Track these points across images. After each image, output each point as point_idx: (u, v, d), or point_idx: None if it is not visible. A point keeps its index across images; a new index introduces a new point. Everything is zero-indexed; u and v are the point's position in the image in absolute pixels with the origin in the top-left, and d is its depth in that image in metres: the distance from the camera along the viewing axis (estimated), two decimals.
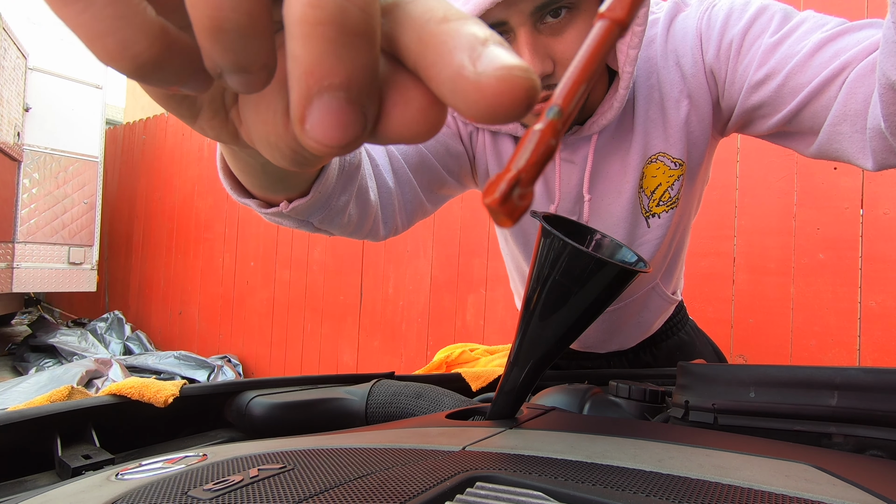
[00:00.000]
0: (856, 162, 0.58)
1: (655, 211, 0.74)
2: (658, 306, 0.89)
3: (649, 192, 0.73)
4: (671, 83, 0.68)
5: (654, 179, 0.72)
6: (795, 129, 0.63)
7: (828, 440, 0.41)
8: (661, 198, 0.73)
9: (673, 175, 0.72)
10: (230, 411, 0.57)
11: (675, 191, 0.73)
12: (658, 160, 0.71)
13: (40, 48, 4.05)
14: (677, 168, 0.71)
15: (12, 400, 2.33)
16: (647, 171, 0.72)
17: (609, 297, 0.39)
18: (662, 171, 0.72)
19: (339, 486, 0.27)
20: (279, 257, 3.38)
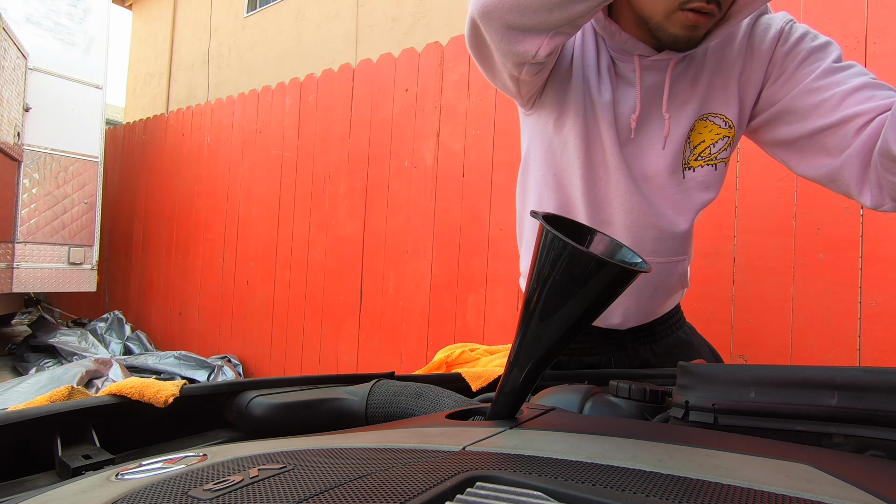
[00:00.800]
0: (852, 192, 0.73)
1: (693, 164, 0.82)
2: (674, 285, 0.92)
3: (692, 145, 0.81)
4: (741, 60, 0.79)
5: (700, 136, 0.81)
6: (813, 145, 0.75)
7: (828, 440, 0.41)
8: (702, 153, 0.81)
9: (720, 133, 0.80)
10: (230, 411, 0.57)
11: (717, 148, 0.80)
12: (709, 119, 0.80)
13: (40, 48, 4.05)
14: (726, 128, 0.80)
15: (12, 400, 2.33)
16: (696, 126, 0.80)
17: (609, 297, 0.39)
18: (710, 129, 0.80)
19: (339, 486, 0.27)
20: (279, 257, 3.38)
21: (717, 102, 0.79)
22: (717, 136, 0.80)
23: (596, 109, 0.80)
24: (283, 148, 3.40)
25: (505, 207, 2.29)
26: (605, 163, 0.82)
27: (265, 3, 6.08)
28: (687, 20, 0.69)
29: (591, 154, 0.82)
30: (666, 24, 0.71)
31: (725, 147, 0.80)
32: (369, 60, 2.93)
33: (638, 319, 0.95)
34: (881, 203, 0.71)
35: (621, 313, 0.94)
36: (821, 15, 1.56)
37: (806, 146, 0.76)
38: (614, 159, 0.81)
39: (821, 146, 0.74)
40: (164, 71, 7.52)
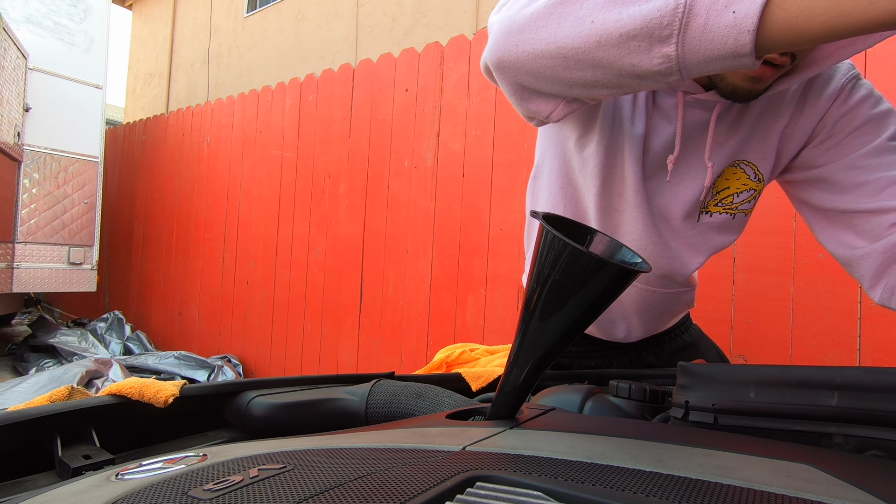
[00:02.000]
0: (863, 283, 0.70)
1: (711, 210, 0.77)
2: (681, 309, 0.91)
3: (716, 190, 0.76)
4: (790, 111, 0.72)
5: (726, 181, 0.75)
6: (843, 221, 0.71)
7: (828, 440, 0.41)
8: (723, 200, 0.76)
9: (748, 185, 0.75)
10: (230, 411, 0.57)
11: (740, 199, 0.76)
12: (739, 167, 0.74)
13: (40, 48, 4.05)
14: (755, 180, 0.75)
15: (12, 400, 2.33)
16: (724, 172, 0.75)
17: (609, 297, 0.39)
18: (738, 177, 0.75)
19: (339, 486, 0.27)
20: (279, 257, 3.38)
21: (752, 151, 0.73)
22: (744, 187, 0.75)
23: (624, 140, 0.74)
24: (283, 148, 3.40)
25: (505, 207, 2.29)
26: (623, 195, 0.77)
27: (265, 3, 6.08)
28: (753, 73, 0.61)
29: (610, 184, 0.77)
30: (727, 73, 0.63)
31: (749, 199, 0.76)
32: (369, 60, 2.93)
33: (642, 335, 0.94)
34: (888, 303, 0.68)
35: (625, 329, 0.92)
36: None
37: (835, 220, 0.71)
38: (635, 196, 0.75)
39: (850, 226, 0.70)
40: (164, 71, 7.52)
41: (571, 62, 0.53)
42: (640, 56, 0.49)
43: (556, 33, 0.52)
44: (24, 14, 4.01)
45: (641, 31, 0.47)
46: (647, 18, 0.47)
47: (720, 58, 0.46)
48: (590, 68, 0.52)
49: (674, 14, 0.45)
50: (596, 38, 0.50)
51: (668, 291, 0.84)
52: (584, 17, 0.50)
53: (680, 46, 0.47)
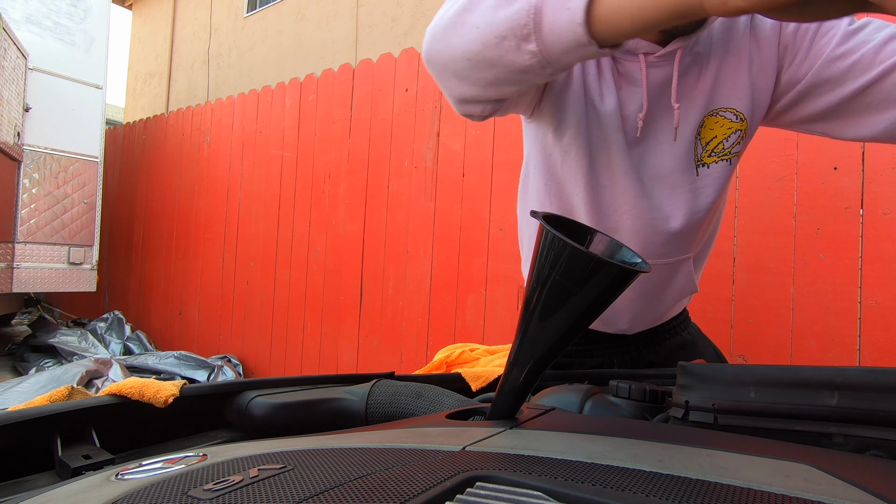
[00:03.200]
0: None
1: (707, 161, 0.78)
2: (680, 287, 0.90)
3: (704, 141, 0.78)
4: (748, 48, 0.74)
5: (711, 131, 0.77)
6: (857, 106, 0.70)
7: (828, 440, 0.41)
8: (715, 149, 0.77)
9: (732, 127, 0.76)
10: (230, 411, 0.57)
11: (730, 143, 0.77)
12: (719, 114, 0.76)
13: (40, 48, 4.05)
14: (738, 122, 0.76)
15: (12, 400, 2.33)
16: (706, 122, 0.77)
17: (609, 297, 0.39)
18: (721, 123, 0.77)
19: (339, 486, 0.27)
20: (279, 257, 3.38)
21: (726, 96, 0.76)
22: (730, 131, 0.77)
23: (600, 117, 0.77)
24: (283, 148, 3.40)
25: (505, 207, 2.29)
26: (610, 169, 0.79)
27: (265, 3, 6.08)
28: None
29: (595, 162, 0.79)
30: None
31: (738, 141, 0.77)
32: (369, 60, 2.93)
33: (646, 324, 0.93)
34: None
35: (629, 318, 0.92)
36: None
37: (849, 110, 0.70)
38: (623, 164, 0.78)
39: (867, 105, 0.69)
40: (164, 71, 7.52)
41: (473, 63, 0.59)
42: (515, 54, 0.55)
43: (459, 39, 0.59)
44: (24, 14, 4.01)
45: (509, 32, 0.54)
46: (511, 21, 0.54)
47: (573, 48, 0.52)
48: (487, 68, 0.59)
49: (528, 15, 0.52)
50: (482, 41, 0.57)
51: (667, 262, 0.84)
52: (474, 23, 0.57)
53: (539, 43, 0.53)
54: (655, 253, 0.83)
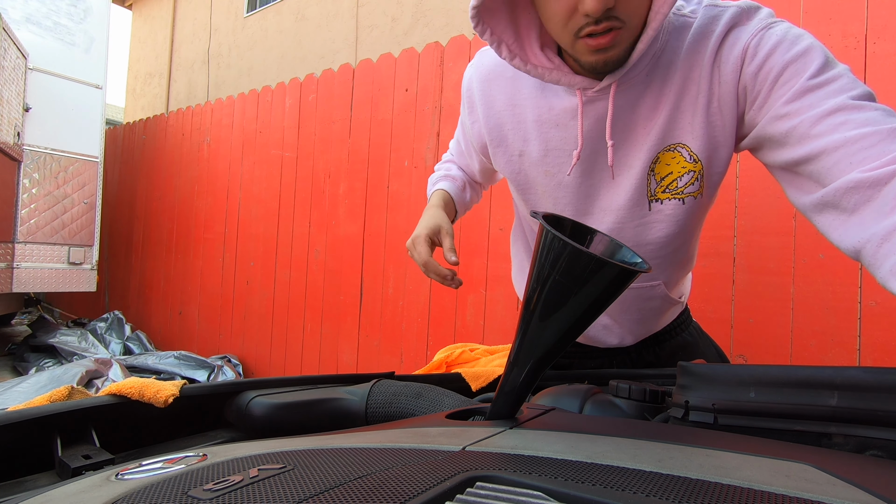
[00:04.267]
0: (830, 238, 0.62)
1: (660, 197, 0.76)
2: (659, 306, 0.90)
3: (659, 177, 0.75)
4: (710, 85, 0.69)
5: (667, 167, 0.74)
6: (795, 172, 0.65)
7: (828, 440, 0.41)
8: (669, 185, 0.74)
9: (686, 167, 0.73)
10: (230, 411, 0.57)
11: (684, 183, 0.74)
12: (676, 150, 0.73)
13: (40, 48, 4.05)
14: (692, 163, 0.73)
15: (12, 400, 2.33)
16: (661, 157, 0.74)
17: (609, 297, 0.39)
18: (677, 160, 0.73)
19: (339, 486, 0.27)
20: (279, 257, 3.38)
21: (682, 133, 0.72)
22: (684, 170, 0.73)
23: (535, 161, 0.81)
24: (283, 148, 3.40)
25: (505, 207, 2.29)
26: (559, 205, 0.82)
27: (265, 3, 6.08)
28: (589, 47, 0.63)
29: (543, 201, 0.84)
30: (577, 55, 0.66)
31: (692, 181, 0.73)
32: (369, 60, 2.93)
33: (635, 339, 0.94)
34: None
35: (617, 335, 0.93)
36: (821, 15, 1.56)
37: (783, 176, 0.68)
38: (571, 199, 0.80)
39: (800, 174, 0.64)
40: (164, 71, 7.52)
41: None
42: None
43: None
44: (24, 14, 4.01)
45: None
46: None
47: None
48: None
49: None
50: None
51: (637, 287, 0.85)
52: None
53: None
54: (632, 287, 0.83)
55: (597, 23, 0.61)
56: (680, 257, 0.85)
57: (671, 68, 0.70)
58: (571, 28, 0.63)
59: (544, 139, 0.78)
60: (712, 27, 0.69)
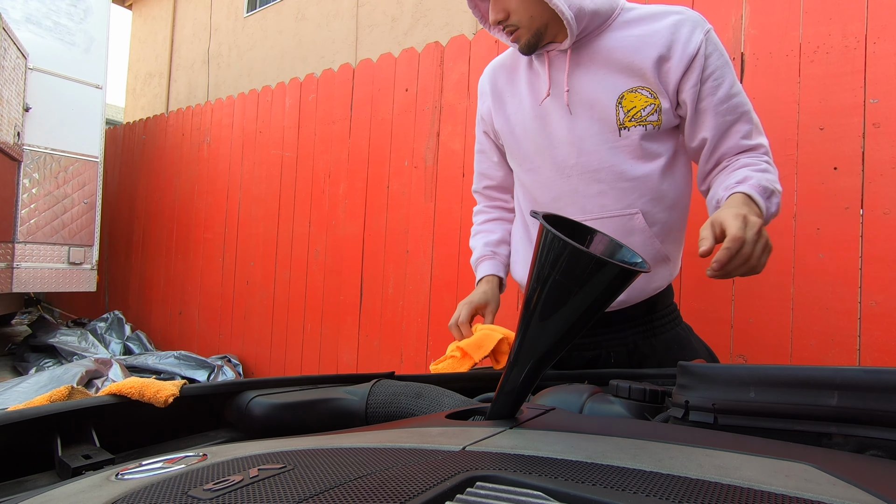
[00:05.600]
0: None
1: (628, 125, 0.96)
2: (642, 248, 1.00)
3: (626, 109, 0.96)
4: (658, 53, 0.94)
5: (631, 103, 0.96)
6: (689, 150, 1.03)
7: (828, 440, 0.41)
8: (634, 115, 0.96)
9: (647, 101, 0.95)
10: (230, 411, 0.57)
11: (646, 112, 0.96)
12: (637, 91, 0.96)
13: (40, 48, 4.05)
14: (651, 98, 0.95)
15: (12, 400, 2.33)
16: (626, 95, 0.96)
17: (609, 297, 0.39)
18: (639, 98, 0.95)
19: (339, 486, 0.27)
20: (279, 257, 3.38)
21: (639, 78, 0.95)
22: (646, 104, 0.95)
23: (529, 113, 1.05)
24: (283, 148, 3.40)
25: None
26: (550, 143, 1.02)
27: (265, 3, 6.08)
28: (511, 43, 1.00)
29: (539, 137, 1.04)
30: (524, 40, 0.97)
31: (653, 112, 0.96)
32: (369, 60, 2.93)
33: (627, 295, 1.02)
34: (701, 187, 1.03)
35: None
36: (821, 15, 1.56)
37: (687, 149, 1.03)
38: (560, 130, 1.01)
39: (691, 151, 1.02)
40: (164, 71, 7.52)
41: None
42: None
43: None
44: (24, 14, 4.01)
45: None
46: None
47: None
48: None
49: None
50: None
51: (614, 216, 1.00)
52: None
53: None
54: (596, 206, 0.99)
55: (504, 29, 0.97)
56: (655, 191, 0.99)
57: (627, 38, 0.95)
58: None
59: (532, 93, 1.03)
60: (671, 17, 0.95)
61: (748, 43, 1.68)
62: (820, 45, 1.57)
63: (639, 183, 0.97)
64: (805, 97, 1.59)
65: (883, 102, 1.47)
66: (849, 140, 1.52)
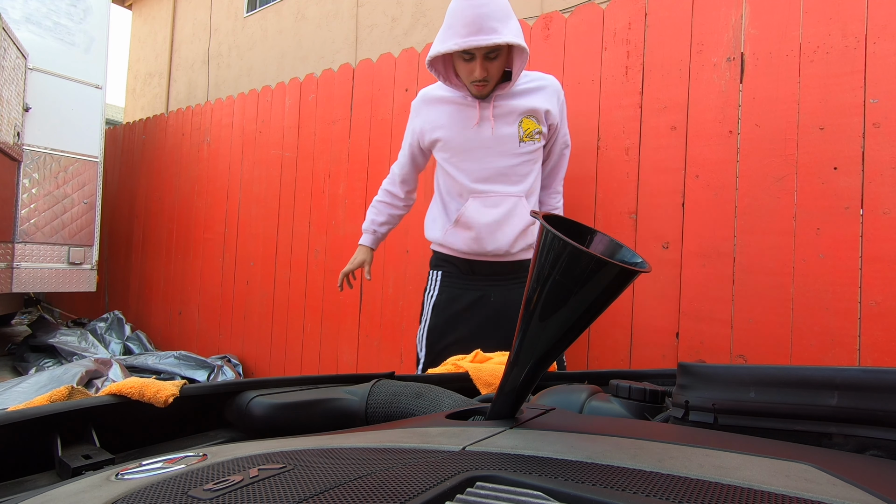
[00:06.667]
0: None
1: (525, 140, 1.53)
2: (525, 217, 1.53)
3: (523, 129, 1.53)
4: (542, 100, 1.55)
5: (526, 125, 1.53)
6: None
7: (828, 440, 0.41)
8: (529, 133, 1.53)
9: (536, 126, 1.54)
10: (230, 411, 0.57)
11: (535, 132, 1.54)
12: (530, 118, 1.53)
13: (40, 48, 4.05)
14: (538, 124, 1.54)
15: (12, 400, 2.33)
16: (524, 121, 1.53)
17: (610, 297, 0.39)
18: (531, 122, 1.53)
19: (339, 486, 0.27)
20: (279, 257, 3.38)
21: (532, 111, 1.53)
22: (535, 127, 1.54)
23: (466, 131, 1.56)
24: (283, 148, 3.40)
25: None
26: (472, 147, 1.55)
27: (265, 3, 6.08)
28: (475, 88, 1.48)
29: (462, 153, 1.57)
30: (470, 89, 1.51)
31: (539, 132, 1.54)
32: (369, 60, 2.93)
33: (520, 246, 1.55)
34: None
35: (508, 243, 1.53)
36: (821, 15, 1.56)
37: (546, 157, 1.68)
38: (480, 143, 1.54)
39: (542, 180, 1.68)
40: (163, 71, 7.52)
41: None
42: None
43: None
44: (23, 14, 4.01)
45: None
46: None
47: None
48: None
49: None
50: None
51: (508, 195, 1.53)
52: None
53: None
54: (500, 191, 1.53)
55: (477, 81, 1.46)
56: (532, 181, 1.58)
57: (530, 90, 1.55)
58: (468, 79, 1.47)
59: (467, 117, 1.55)
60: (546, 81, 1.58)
61: (748, 43, 1.68)
62: (820, 45, 1.57)
63: (525, 178, 1.56)
64: (805, 97, 1.59)
65: (883, 102, 1.47)
66: (849, 140, 1.52)
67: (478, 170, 1.53)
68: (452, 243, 1.57)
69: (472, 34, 1.36)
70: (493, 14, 1.37)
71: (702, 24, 1.78)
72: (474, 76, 1.42)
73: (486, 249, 1.53)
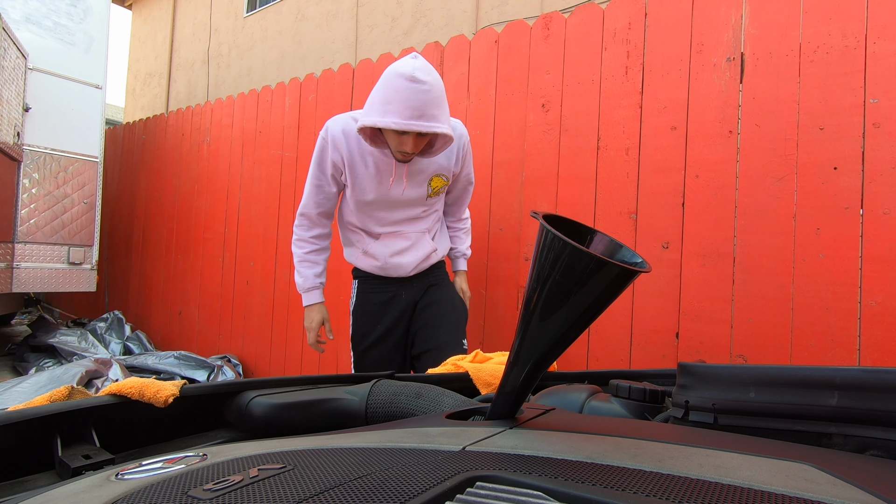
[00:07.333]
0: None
1: (432, 196, 1.70)
2: (427, 246, 1.75)
3: (431, 186, 1.69)
4: (450, 159, 1.69)
5: (435, 182, 1.69)
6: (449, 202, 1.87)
7: (828, 440, 0.41)
8: (437, 190, 1.71)
9: (443, 183, 1.71)
10: (230, 411, 0.57)
11: (443, 189, 1.73)
12: (439, 176, 1.69)
13: (40, 48, 4.05)
14: (446, 181, 1.72)
15: (12, 400, 2.33)
16: (434, 179, 1.68)
17: (610, 297, 0.39)
18: (440, 180, 1.70)
19: (339, 486, 0.27)
20: (279, 257, 3.38)
21: (442, 170, 1.68)
22: (443, 183, 1.71)
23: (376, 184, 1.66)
24: (283, 148, 3.40)
25: (505, 207, 2.29)
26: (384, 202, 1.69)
27: (265, 3, 6.08)
28: (401, 155, 1.56)
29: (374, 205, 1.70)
30: (396, 156, 1.58)
31: (443, 186, 1.72)
32: (369, 60, 2.93)
33: (419, 269, 1.76)
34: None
35: (411, 268, 1.73)
36: (821, 15, 1.56)
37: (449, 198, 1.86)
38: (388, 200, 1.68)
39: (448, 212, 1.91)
40: (163, 71, 7.52)
41: None
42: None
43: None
44: (23, 14, 4.00)
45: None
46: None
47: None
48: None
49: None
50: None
51: (415, 232, 1.73)
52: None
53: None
54: (404, 231, 1.72)
55: (405, 152, 1.52)
56: (436, 222, 1.80)
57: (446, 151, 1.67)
58: (397, 148, 1.53)
59: (383, 171, 1.63)
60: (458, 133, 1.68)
61: (748, 43, 1.68)
62: (820, 44, 1.57)
63: (430, 219, 1.76)
64: (805, 97, 1.59)
65: (883, 102, 1.47)
66: (849, 140, 1.52)
67: (385, 218, 1.69)
68: (363, 266, 1.77)
69: (413, 118, 1.41)
70: (434, 101, 1.44)
71: (702, 24, 1.78)
72: (405, 149, 1.49)
73: (390, 275, 1.74)
